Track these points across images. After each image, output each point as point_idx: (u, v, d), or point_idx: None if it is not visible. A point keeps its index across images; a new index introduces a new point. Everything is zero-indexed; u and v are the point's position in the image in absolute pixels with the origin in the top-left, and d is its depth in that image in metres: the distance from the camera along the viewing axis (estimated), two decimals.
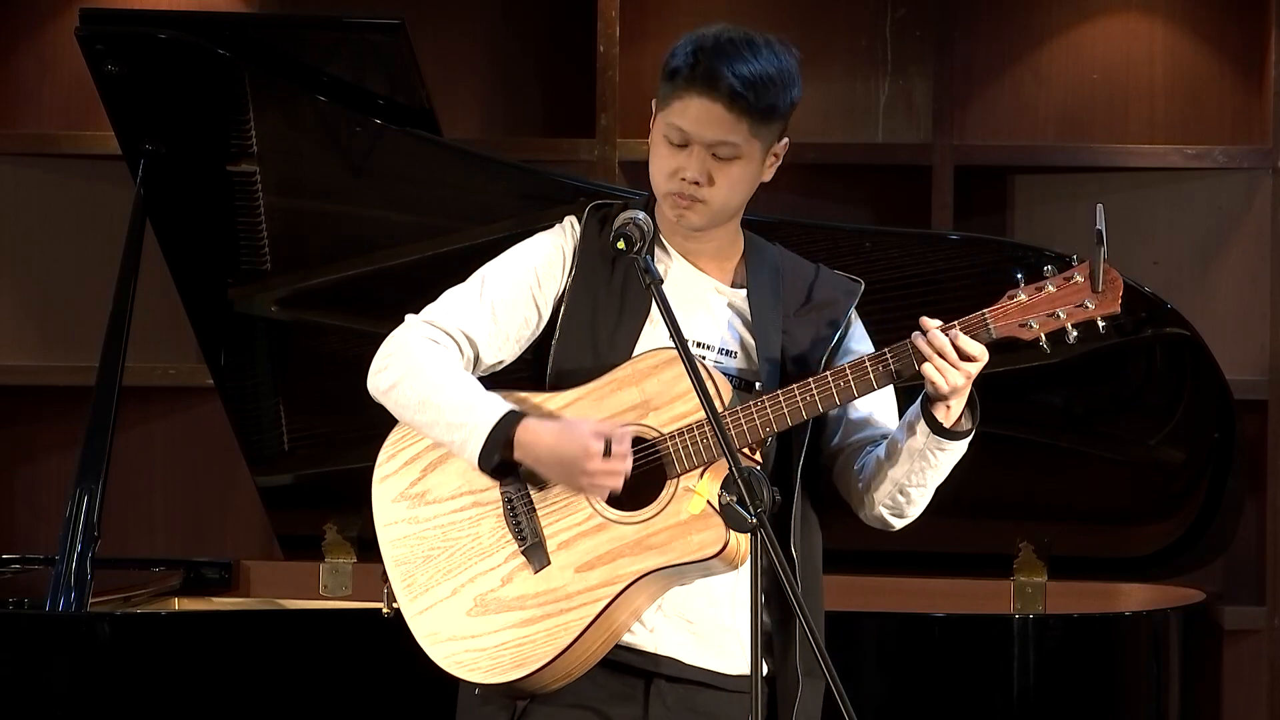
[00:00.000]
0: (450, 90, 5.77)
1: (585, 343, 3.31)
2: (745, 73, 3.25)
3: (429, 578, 3.29)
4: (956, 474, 3.34)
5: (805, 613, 3.00)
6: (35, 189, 6.03)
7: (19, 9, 6.03)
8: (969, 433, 3.26)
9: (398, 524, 3.33)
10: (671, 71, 3.27)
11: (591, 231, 3.37)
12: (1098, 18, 5.98)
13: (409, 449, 3.35)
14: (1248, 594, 5.85)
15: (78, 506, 4.61)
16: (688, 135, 3.26)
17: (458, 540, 3.29)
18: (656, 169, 3.30)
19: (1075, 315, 3.20)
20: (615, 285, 3.33)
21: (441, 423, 3.25)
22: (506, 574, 3.26)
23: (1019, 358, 4.79)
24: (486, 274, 3.38)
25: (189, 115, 4.78)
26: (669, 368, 3.24)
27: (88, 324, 5.30)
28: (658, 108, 3.31)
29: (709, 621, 3.29)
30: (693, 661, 3.29)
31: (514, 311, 3.35)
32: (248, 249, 4.91)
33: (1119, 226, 5.87)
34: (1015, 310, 3.20)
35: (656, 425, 3.24)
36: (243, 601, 5.18)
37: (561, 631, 3.21)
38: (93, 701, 4.40)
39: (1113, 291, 3.21)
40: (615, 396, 3.26)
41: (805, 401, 3.20)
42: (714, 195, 3.29)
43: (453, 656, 3.26)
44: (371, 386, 3.33)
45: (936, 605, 4.85)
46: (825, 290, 3.39)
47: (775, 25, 5.95)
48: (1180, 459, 4.94)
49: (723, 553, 3.17)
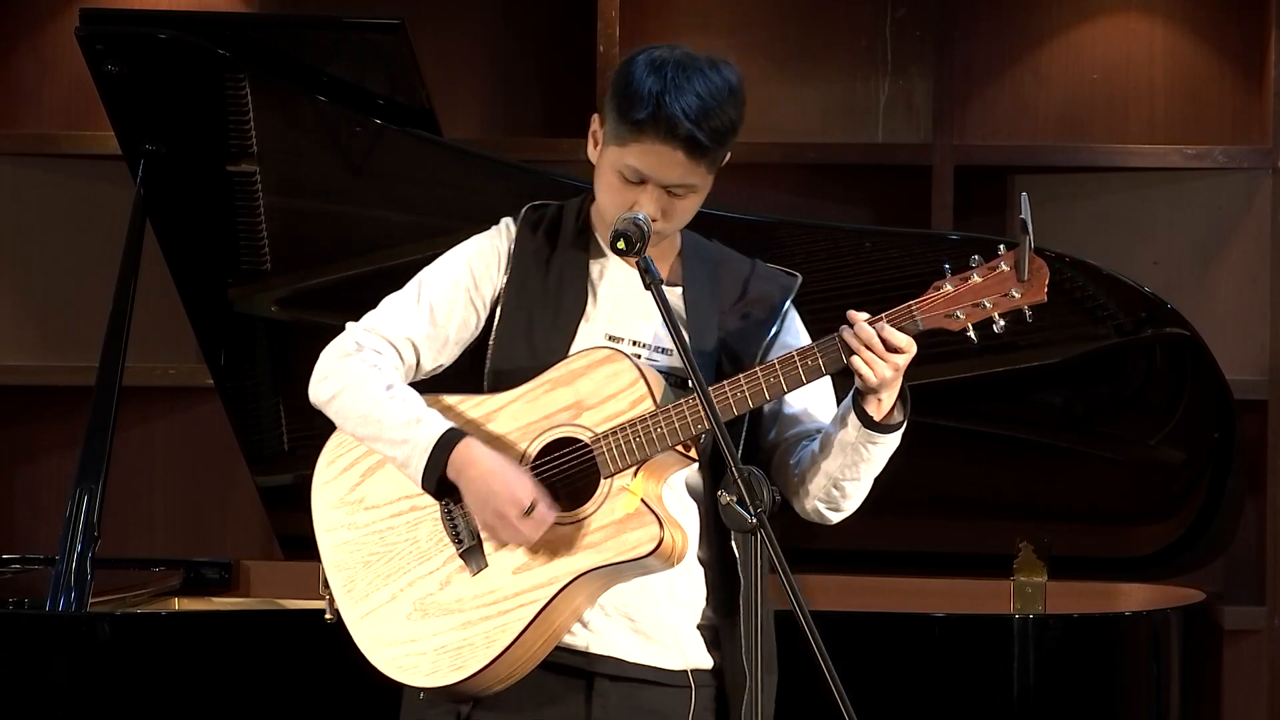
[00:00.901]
0: (450, 90, 5.77)
1: (521, 343, 3.33)
2: (704, 116, 3.22)
3: (369, 583, 3.30)
4: (957, 474, 3.34)
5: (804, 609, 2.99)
6: (35, 189, 6.03)
7: (19, 9, 6.03)
8: (900, 425, 3.27)
9: (337, 530, 3.34)
10: (630, 115, 3.24)
11: (526, 232, 3.39)
12: (1098, 18, 5.98)
13: (346, 455, 3.36)
14: (1248, 594, 5.84)
15: (78, 506, 4.61)
16: (645, 176, 3.27)
17: (396, 545, 3.30)
18: (608, 199, 3.30)
19: (1002, 305, 3.20)
20: (551, 285, 3.35)
21: (384, 439, 3.26)
22: (445, 577, 3.27)
23: (1019, 358, 4.82)
24: (424, 279, 3.39)
25: (189, 115, 4.78)
26: (601, 367, 3.25)
27: (88, 324, 5.30)
28: (609, 138, 3.28)
29: (649, 618, 3.30)
30: (634, 659, 3.30)
31: (453, 314, 3.36)
32: (248, 249, 4.91)
33: (1119, 226, 5.89)
34: (941, 301, 3.21)
35: (590, 425, 3.24)
36: (243, 601, 5.18)
37: (500, 633, 3.21)
38: (93, 701, 4.40)
39: (1038, 280, 3.20)
40: (549, 397, 3.27)
41: (736, 398, 3.21)
42: (667, 227, 3.31)
43: (394, 661, 3.27)
44: (313, 395, 3.35)
45: (936, 605, 4.85)
46: (761, 285, 3.40)
47: (775, 25, 6.00)
48: (1180, 459, 4.94)
49: (657, 550, 3.18)
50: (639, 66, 3.27)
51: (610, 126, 3.28)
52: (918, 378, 3.30)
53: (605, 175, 3.30)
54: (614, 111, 3.27)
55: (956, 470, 5.01)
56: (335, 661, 4.44)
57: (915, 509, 5.00)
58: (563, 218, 3.41)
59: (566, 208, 3.42)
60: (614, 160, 3.28)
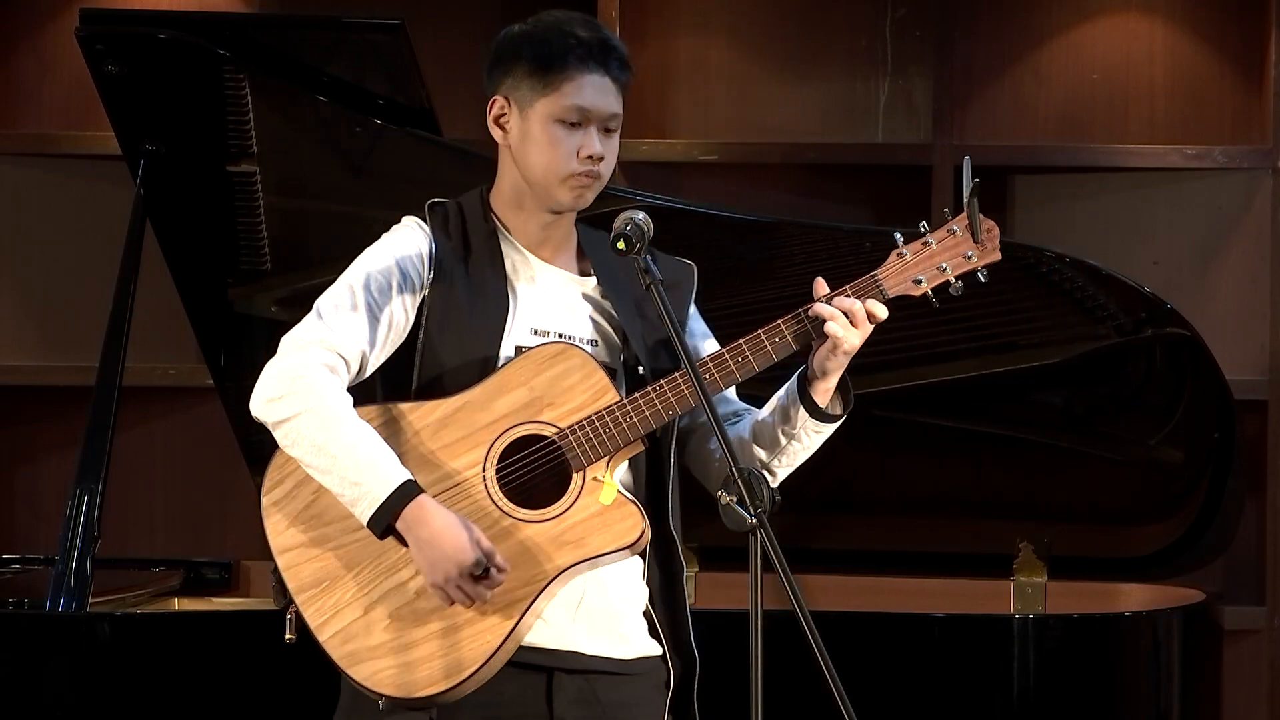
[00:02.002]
0: (450, 90, 5.76)
1: (453, 341, 3.30)
2: (618, 43, 3.33)
3: (337, 600, 3.25)
4: (957, 474, 3.35)
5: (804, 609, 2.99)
6: (35, 189, 6.04)
7: (19, 9, 6.03)
8: (840, 418, 3.33)
9: (295, 549, 3.28)
10: (551, 55, 3.28)
11: (439, 230, 3.37)
12: (1098, 18, 5.98)
13: (296, 471, 3.28)
14: (1248, 594, 5.84)
15: (78, 506, 4.61)
16: (587, 113, 3.29)
17: (361, 559, 3.25)
18: (555, 154, 3.29)
19: (960, 267, 3.30)
20: (475, 283, 3.33)
21: (336, 474, 3.20)
22: (419, 586, 3.22)
23: (1019, 358, 4.82)
24: (354, 282, 3.34)
25: (189, 115, 4.78)
26: (556, 363, 3.25)
27: (88, 324, 5.30)
28: (530, 97, 3.29)
29: (601, 609, 3.30)
30: (591, 651, 3.30)
31: (392, 315, 3.32)
32: (248, 249, 4.91)
33: (1119, 226, 5.89)
34: (902, 268, 3.29)
35: (553, 420, 3.24)
36: (243, 601, 5.18)
37: (488, 634, 3.19)
38: (93, 701, 4.40)
39: (991, 240, 3.31)
40: (505, 398, 3.25)
41: (708, 381, 3.24)
42: (605, 169, 3.34)
43: (377, 674, 3.22)
44: (260, 413, 3.27)
45: (936, 605, 4.85)
46: (668, 271, 3.38)
47: (775, 25, 6.00)
48: (1180, 459, 4.94)
49: (641, 538, 3.20)
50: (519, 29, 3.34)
51: (528, 85, 3.29)
52: (918, 378, 3.31)
53: (539, 134, 3.30)
54: (528, 66, 3.29)
55: (956, 470, 5.01)
56: None
57: (915, 509, 5.01)
58: (466, 215, 3.39)
59: (466, 203, 3.39)
60: (547, 111, 3.29)
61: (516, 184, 3.36)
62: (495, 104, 3.35)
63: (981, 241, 3.29)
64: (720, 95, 6.02)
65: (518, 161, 3.34)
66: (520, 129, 3.33)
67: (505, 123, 3.35)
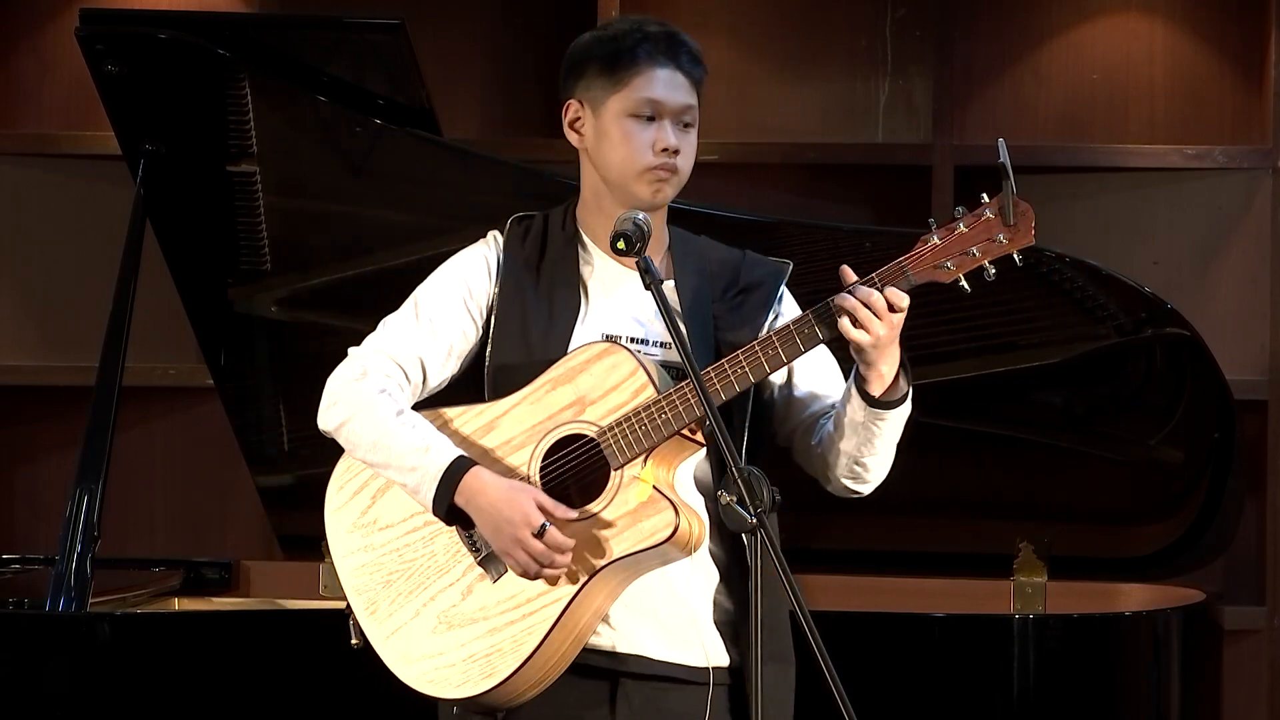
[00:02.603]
0: (450, 90, 5.77)
1: (519, 348, 3.34)
2: (681, 35, 3.36)
3: (391, 602, 3.31)
4: (957, 474, 3.34)
5: (802, 605, 2.99)
6: (35, 189, 6.03)
7: (19, 9, 6.03)
8: (905, 397, 3.27)
9: (354, 554, 3.34)
10: (621, 53, 3.32)
11: (515, 241, 3.41)
12: (1098, 18, 5.98)
13: (355, 479, 3.36)
14: (1248, 594, 5.84)
15: (78, 506, 4.61)
16: (659, 106, 3.31)
17: (415, 561, 3.30)
18: (631, 149, 3.32)
19: (990, 251, 3.19)
20: (543, 290, 3.37)
21: (393, 465, 3.27)
22: (466, 587, 3.27)
23: (1019, 358, 4.82)
24: (419, 296, 3.40)
25: (189, 115, 4.78)
26: (600, 361, 3.26)
27: (88, 324, 5.30)
28: (602, 96, 3.33)
29: (673, 615, 3.30)
30: (660, 657, 3.30)
31: (453, 326, 3.37)
32: (248, 249, 4.91)
33: (1119, 226, 5.89)
34: (930, 254, 3.21)
35: (594, 419, 3.25)
36: (243, 601, 5.19)
37: (527, 636, 3.22)
38: (93, 701, 4.40)
39: (1024, 223, 3.18)
40: (551, 397, 3.27)
41: (737, 374, 3.22)
42: (683, 164, 3.35)
43: (424, 676, 3.27)
44: (321, 423, 3.36)
45: (936, 605, 4.85)
46: (753, 273, 3.41)
47: (775, 25, 6.00)
48: (1180, 459, 4.94)
49: (674, 536, 3.19)
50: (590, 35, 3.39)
51: (599, 85, 3.33)
52: (918, 378, 3.30)
53: (613, 131, 3.32)
54: (598, 65, 3.33)
55: (956, 470, 5.01)
56: (334, 662, 4.45)
57: (915, 509, 5.00)
58: (548, 224, 3.43)
59: (551, 215, 3.44)
60: (620, 108, 3.32)
61: (596, 187, 3.39)
62: (569, 109, 3.38)
63: (1014, 224, 3.18)
64: (720, 95, 6.01)
65: (595, 163, 3.37)
66: (595, 129, 3.35)
67: (580, 126, 3.38)
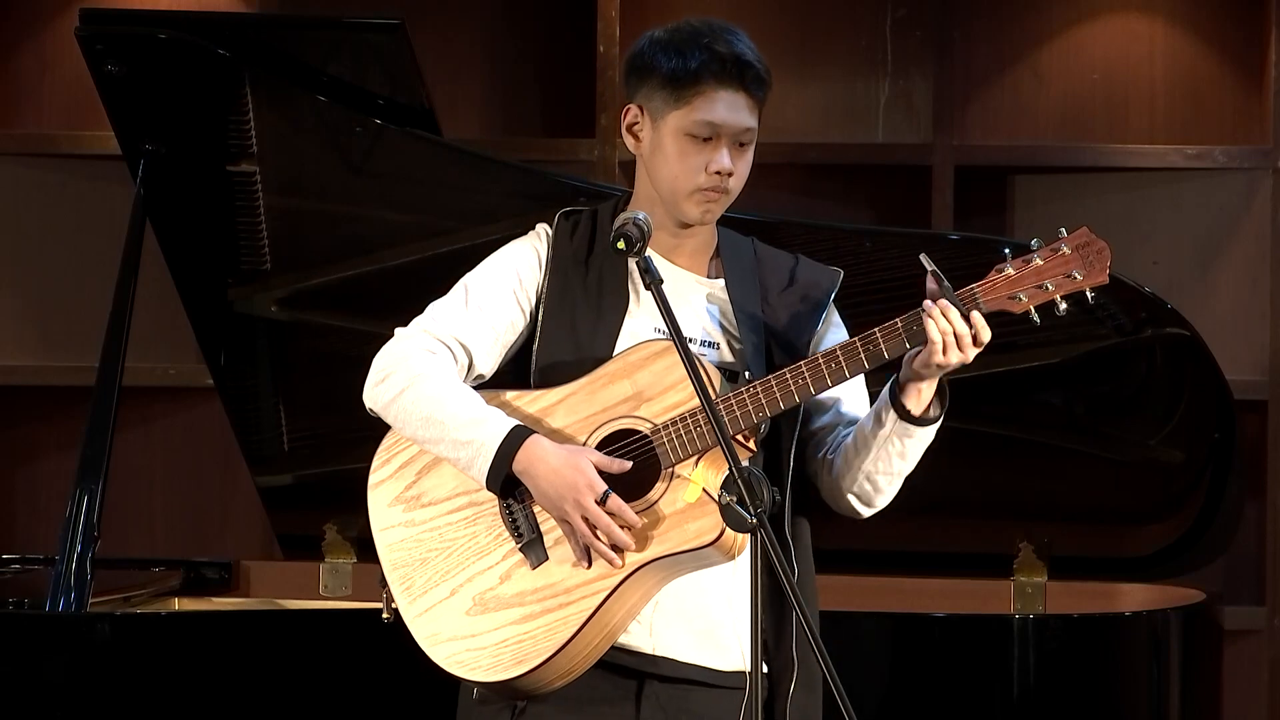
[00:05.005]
0: (450, 90, 5.77)
1: (567, 341, 3.33)
2: (751, 52, 3.31)
3: (427, 579, 3.29)
4: (957, 474, 3.35)
5: (803, 607, 3.00)
6: (35, 189, 6.04)
7: (19, 9, 6.04)
8: (937, 420, 3.29)
9: (394, 528, 3.33)
10: (686, 68, 3.28)
11: (563, 235, 3.40)
12: (1098, 18, 5.98)
13: (403, 453, 3.35)
14: (1248, 594, 5.85)
15: (78, 506, 4.61)
16: (719, 128, 3.29)
17: (455, 541, 3.29)
18: (681, 168, 3.31)
19: (1064, 286, 3.22)
20: (591, 284, 3.35)
21: (447, 440, 3.25)
22: (505, 571, 3.26)
23: (1019, 358, 4.82)
24: (469, 282, 3.39)
25: (189, 115, 4.78)
26: (660, 359, 3.25)
27: (88, 324, 5.30)
28: (663, 109, 3.31)
29: (706, 618, 3.29)
30: (689, 659, 3.29)
31: (501, 314, 3.36)
32: (248, 249, 4.91)
33: (1119, 226, 5.90)
34: (1004, 284, 3.23)
35: (649, 416, 3.25)
36: (243, 601, 5.18)
37: (561, 626, 3.21)
38: (92, 701, 4.40)
39: (1100, 262, 3.22)
40: (607, 390, 3.27)
41: (797, 385, 3.22)
42: (735, 184, 3.34)
43: (454, 656, 3.25)
44: (370, 400, 3.33)
45: (936, 605, 4.85)
46: (807, 273, 3.42)
47: (775, 25, 6.00)
48: (1180, 459, 4.94)
49: (719, 541, 3.18)
50: (659, 36, 3.35)
51: (660, 97, 3.30)
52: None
53: (669, 147, 3.30)
54: (661, 77, 3.30)
55: (956, 470, 4.99)
56: (334, 661, 4.46)
57: (915, 509, 4.98)
58: (597, 220, 3.41)
59: (601, 210, 3.42)
60: (678, 125, 3.29)
61: (648, 193, 3.38)
62: (629, 112, 3.37)
63: (1090, 262, 3.21)
64: None
65: (649, 172, 3.36)
66: (652, 140, 3.34)
67: (638, 130, 3.36)
